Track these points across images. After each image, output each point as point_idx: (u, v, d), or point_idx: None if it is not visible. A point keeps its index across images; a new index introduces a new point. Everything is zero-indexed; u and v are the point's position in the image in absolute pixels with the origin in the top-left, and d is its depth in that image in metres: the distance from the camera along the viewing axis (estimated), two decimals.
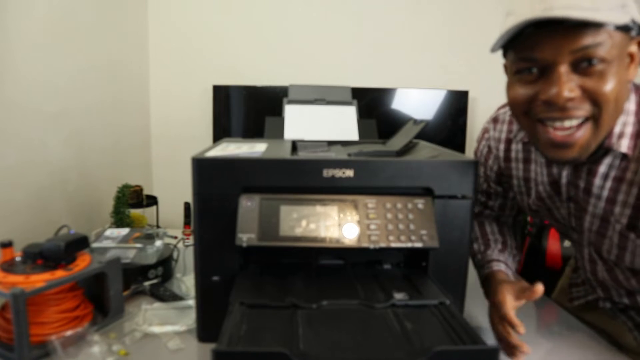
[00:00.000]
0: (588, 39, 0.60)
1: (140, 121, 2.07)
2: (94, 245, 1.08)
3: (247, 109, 2.06)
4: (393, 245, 0.72)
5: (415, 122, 0.99)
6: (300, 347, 0.55)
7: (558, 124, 0.65)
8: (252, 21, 2.10)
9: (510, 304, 0.75)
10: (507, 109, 0.90)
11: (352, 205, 0.75)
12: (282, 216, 0.74)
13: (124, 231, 1.18)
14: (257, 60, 2.11)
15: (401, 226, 0.74)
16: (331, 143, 1.04)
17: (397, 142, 0.97)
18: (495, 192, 0.96)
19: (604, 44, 0.60)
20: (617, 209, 0.71)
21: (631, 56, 0.65)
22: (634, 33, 0.63)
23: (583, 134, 0.64)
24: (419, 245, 0.72)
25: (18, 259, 0.83)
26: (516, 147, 0.86)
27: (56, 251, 0.81)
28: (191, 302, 0.93)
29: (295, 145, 0.99)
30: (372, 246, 0.72)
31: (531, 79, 0.66)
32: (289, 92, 1.18)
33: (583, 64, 0.61)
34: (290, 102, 1.16)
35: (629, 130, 0.67)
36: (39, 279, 0.76)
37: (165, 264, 1.10)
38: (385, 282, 0.75)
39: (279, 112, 1.16)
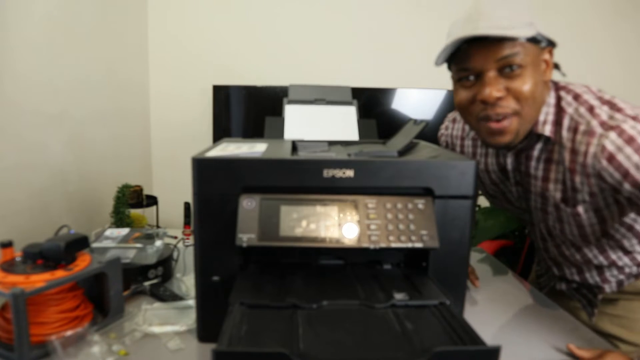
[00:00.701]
0: (506, 50, 0.77)
1: (140, 121, 2.07)
2: (94, 245, 1.08)
3: (247, 109, 2.06)
4: (393, 245, 0.72)
5: (416, 122, 0.99)
6: (301, 347, 0.55)
7: (493, 118, 0.82)
8: (252, 21, 2.10)
9: None
10: None
11: (352, 205, 0.75)
12: (282, 216, 0.74)
13: (124, 231, 1.18)
14: (257, 60, 2.12)
15: (401, 226, 0.74)
16: (331, 143, 1.04)
17: (398, 142, 0.97)
18: None
19: (519, 53, 0.77)
20: (551, 186, 0.87)
21: (546, 62, 0.83)
22: (543, 44, 0.81)
23: (511, 124, 0.82)
24: (419, 245, 0.72)
25: (18, 259, 0.83)
26: (467, 143, 1.05)
27: (56, 251, 0.81)
28: (191, 302, 0.93)
29: (295, 145, 0.99)
30: (372, 246, 0.72)
31: (469, 84, 0.83)
32: (289, 92, 1.18)
33: (506, 70, 0.79)
34: (290, 102, 1.16)
35: (550, 118, 0.84)
36: (39, 279, 0.76)
37: (165, 264, 1.10)
38: (385, 282, 0.75)
39: (279, 112, 1.16)
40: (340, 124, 1.14)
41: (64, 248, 0.81)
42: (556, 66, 0.86)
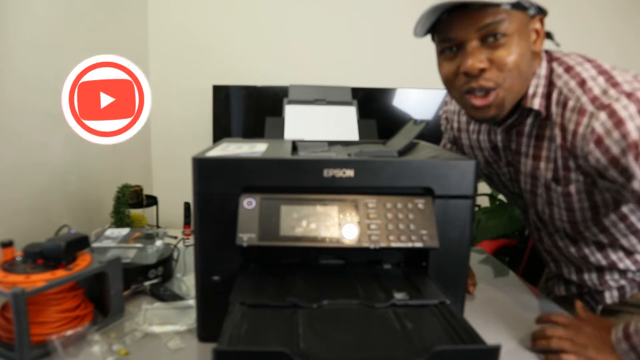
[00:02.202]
0: (489, 18, 0.73)
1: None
2: (94, 245, 1.08)
3: (247, 109, 2.06)
4: (393, 245, 0.72)
5: (416, 122, 0.99)
6: (301, 347, 0.56)
7: (477, 92, 0.78)
8: (252, 21, 2.10)
9: None
10: None
11: (352, 205, 0.75)
12: (282, 216, 0.74)
13: (124, 231, 1.18)
14: (257, 60, 2.11)
15: (401, 226, 0.74)
16: (331, 143, 1.04)
17: (398, 142, 0.98)
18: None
19: (503, 21, 0.73)
20: (542, 164, 0.83)
21: (536, 32, 0.78)
22: (532, 12, 0.76)
23: (495, 97, 0.78)
24: (419, 245, 0.72)
25: (18, 258, 0.83)
26: (462, 119, 1.01)
27: (56, 251, 0.81)
28: (191, 301, 0.93)
29: (295, 145, 0.99)
30: (372, 246, 0.72)
31: (452, 56, 0.80)
32: (289, 92, 1.18)
33: (490, 39, 0.74)
34: (291, 102, 1.16)
35: (540, 90, 0.80)
36: (39, 279, 0.76)
37: (166, 264, 1.10)
38: (385, 282, 0.76)
39: (279, 112, 1.16)
40: (341, 124, 1.14)
41: (64, 248, 0.81)
42: (548, 35, 0.82)
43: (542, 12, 0.79)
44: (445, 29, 0.78)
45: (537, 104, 0.80)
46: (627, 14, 2.18)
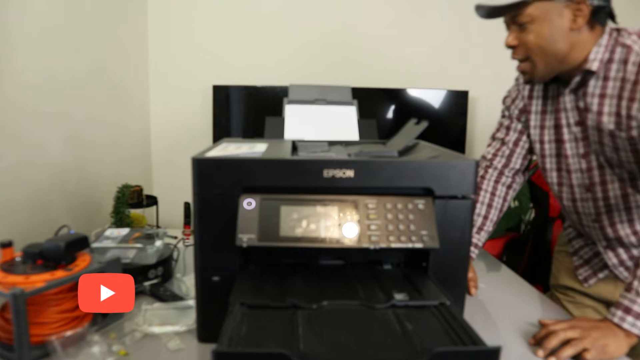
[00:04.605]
0: (512, 11, 0.95)
1: (140, 121, 2.07)
2: (94, 245, 1.08)
3: (247, 109, 2.06)
4: (393, 245, 0.72)
5: (416, 122, 0.99)
6: (301, 348, 0.55)
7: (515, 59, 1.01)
8: (252, 21, 2.09)
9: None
10: None
11: (352, 205, 0.75)
12: (282, 216, 0.74)
13: (124, 231, 1.18)
14: (257, 60, 2.11)
15: (401, 226, 0.73)
16: (331, 143, 1.04)
17: (398, 142, 0.97)
18: (515, 128, 1.19)
19: (524, 13, 0.93)
20: (604, 118, 0.96)
21: (574, 12, 0.92)
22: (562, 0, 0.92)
23: (526, 66, 1.00)
24: (419, 245, 0.72)
25: (18, 259, 0.83)
26: (538, 87, 1.12)
27: (56, 251, 0.81)
28: (191, 302, 0.93)
29: (295, 146, 0.99)
30: (372, 246, 0.72)
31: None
32: (289, 92, 1.18)
33: (522, 25, 0.95)
34: (291, 102, 1.16)
35: (599, 56, 0.95)
36: (39, 279, 0.76)
37: (165, 264, 1.10)
38: (385, 283, 0.75)
39: (279, 112, 1.16)
40: (341, 124, 1.14)
41: (64, 248, 0.81)
42: (610, 15, 0.96)
43: None
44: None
45: (595, 66, 0.94)
46: (627, 14, 2.17)
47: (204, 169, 0.75)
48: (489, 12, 0.98)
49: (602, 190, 1.03)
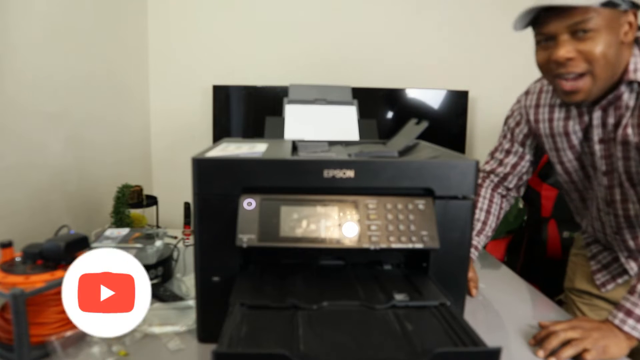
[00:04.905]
0: (578, 16, 0.84)
1: (140, 121, 2.07)
2: (94, 245, 1.07)
3: (247, 109, 2.06)
4: (393, 246, 0.72)
5: (417, 122, 0.99)
6: (301, 349, 0.55)
7: (565, 77, 0.88)
8: (252, 21, 2.09)
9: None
10: (537, 83, 1.12)
11: (352, 205, 0.75)
12: (282, 217, 0.74)
13: (124, 231, 1.18)
14: (257, 60, 2.11)
15: (402, 227, 0.73)
16: (332, 143, 1.04)
17: (398, 142, 0.97)
18: (515, 152, 1.17)
19: (592, 19, 0.83)
20: (629, 130, 0.91)
21: (630, 24, 0.87)
22: (623, 7, 0.85)
23: (584, 83, 0.88)
24: (419, 246, 0.72)
25: (18, 259, 0.83)
26: (543, 110, 1.07)
27: (56, 251, 0.81)
28: (191, 302, 0.93)
29: (295, 146, 0.98)
30: (372, 247, 0.72)
31: (545, 46, 0.91)
32: (289, 91, 1.18)
33: (579, 34, 0.85)
34: (291, 101, 1.16)
35: (639, 66, 0.89)
36: (38, 280, 0.76)
37: (165, 264, 1.09)
38: (385, 283, 0.75)
39: (279, 112, 1.16)
40: (341, 124, 1.14)
41: (64, 248, 0.81)
42: None
43: (635, 6, 0.87)
44: (541, 24, 0.89)
45: (639, 77, 0.89)
46: None
47: (204, 169, 0.75)
48: (550, 16, 0.86)
49: (623, 209, 1.00)
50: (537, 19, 0.89)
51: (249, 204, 0.74)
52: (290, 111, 1.14)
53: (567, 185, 1.12)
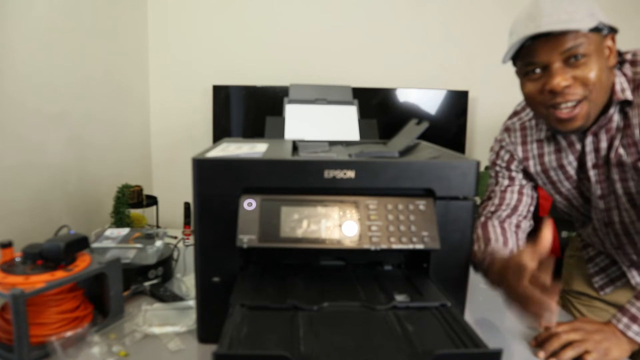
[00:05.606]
0: (570, 42, 0.81)
1: (140, 121, 2.07)
2: (94, 245, 1.07)
3: (247, 109, 2.06)
4: (394, 246, 0.72)
5: (417, 122, 0.98)
6: (301, 350, 0.55)
7: (562, 106, 0.85)
8: (252, 21, 2.09)
9: (528, 257, 0.78)
10: (514, 119, 1.07)
11: (353, 206, 0.75)
12: (282, 217, 0.74)
13: (124, 231, 1.18)
14: (257, 60, 2.11)
15: (402, 227, 0.73)
16: (332, 143, 1.04)
17: (399, 142, 0.97)
18: (512, 190, 1.08)
19: (583, 44, 0.81)
20: (621, 150, 0.89)
21: (609, 48, 0.87)
22: (605, 32, 0.85)
23: (581, 109, 0.85)
24: (420, 246, 0.72)
25: (18, 259, 0.83)
26: (531, 147, 1.03)
27: (56, 251, 0.81)
28: (191, 302, 0.93)
29: (296, 146, 0.98)
30: (373, 247, 0.72)
31: (536, 77, 0.87)
32: (290, 91, 1.18)
33: (571, 60, 0.83)
34: (291, 101, 1.16)
35: (626, 85, 0.88)
36: (38, 280, 0.76)
37: (165, 264, 1.09)
38: (386, 284, 0.75)
39: (279, 112, 1.15)
40: (341, 123, 1.14)
41: (63, 248, 0.81)
42: (619, 53, 0.90)
43: (613, 31, 0.86)
44: (530, 54, 0.85)
45: (628, 95, 0.87)
46: (627, 15, 2.17)
47: (204, 169, 0.75)
48: (535, 46, 0.83)
49: (622, 228, 0.99)
50: (523, 49, 0.86)
51: (249, 204, 0.74)
52: (291, 111, 1.14)
53: (568, 209, 1.09)
